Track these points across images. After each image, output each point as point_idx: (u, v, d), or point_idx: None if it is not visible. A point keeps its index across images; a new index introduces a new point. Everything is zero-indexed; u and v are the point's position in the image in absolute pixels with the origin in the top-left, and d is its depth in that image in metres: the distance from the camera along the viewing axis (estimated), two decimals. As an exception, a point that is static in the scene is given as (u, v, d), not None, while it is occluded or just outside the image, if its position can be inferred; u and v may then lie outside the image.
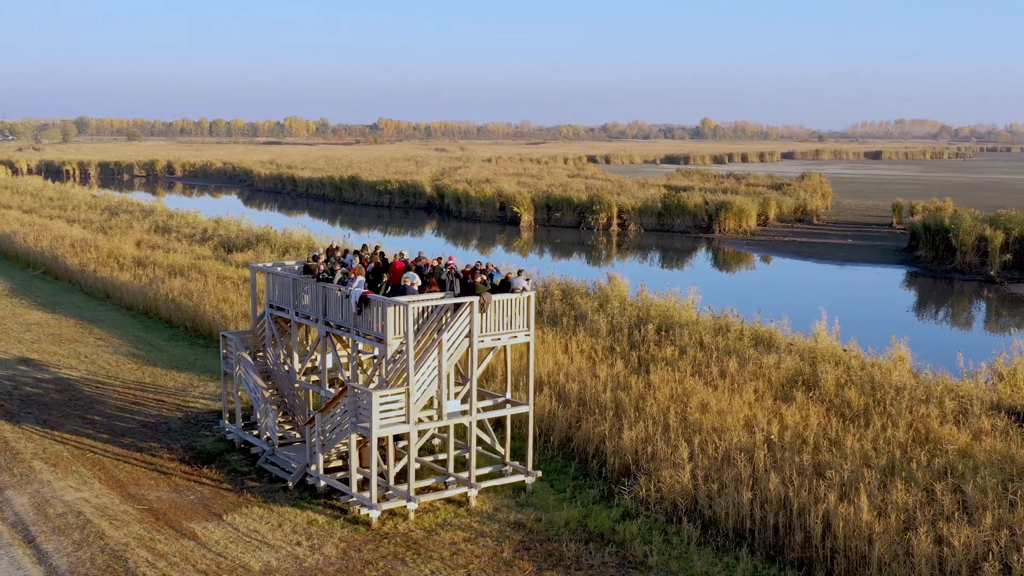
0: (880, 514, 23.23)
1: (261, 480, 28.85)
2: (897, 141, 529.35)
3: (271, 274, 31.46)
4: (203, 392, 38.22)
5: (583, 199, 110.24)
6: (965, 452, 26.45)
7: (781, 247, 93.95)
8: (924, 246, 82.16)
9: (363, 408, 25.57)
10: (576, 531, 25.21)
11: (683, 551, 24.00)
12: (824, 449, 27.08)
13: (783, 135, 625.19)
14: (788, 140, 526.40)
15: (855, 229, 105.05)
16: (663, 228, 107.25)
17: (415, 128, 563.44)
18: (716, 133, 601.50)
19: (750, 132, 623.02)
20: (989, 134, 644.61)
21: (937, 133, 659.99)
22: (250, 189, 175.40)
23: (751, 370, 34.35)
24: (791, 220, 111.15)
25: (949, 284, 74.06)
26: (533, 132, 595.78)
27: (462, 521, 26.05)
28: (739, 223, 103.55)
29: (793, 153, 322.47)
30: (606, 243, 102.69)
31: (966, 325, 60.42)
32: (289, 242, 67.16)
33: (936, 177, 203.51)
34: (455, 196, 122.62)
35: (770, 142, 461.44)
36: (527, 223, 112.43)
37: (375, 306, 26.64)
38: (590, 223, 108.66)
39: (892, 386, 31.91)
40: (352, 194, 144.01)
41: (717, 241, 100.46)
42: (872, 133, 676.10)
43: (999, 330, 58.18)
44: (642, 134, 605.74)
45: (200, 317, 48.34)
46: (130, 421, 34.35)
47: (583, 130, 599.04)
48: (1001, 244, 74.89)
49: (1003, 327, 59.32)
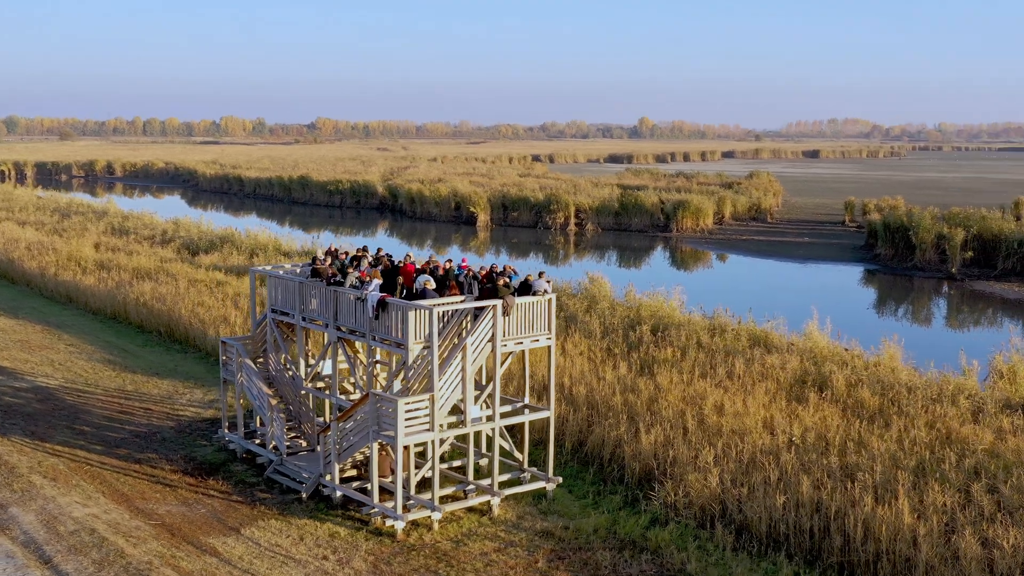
0: (921, 516, 23.00)
1: (271, 491, 27.87)
2: (831, 140, 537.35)
3: (273, 277, 30.48)
4: (191, 400, 37.02)
5: (540, 198, 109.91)
6: (991, 452, 26.37)
7: (740, 245, 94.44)
8: (884, 244, 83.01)
9: (387, 416, 24.77)
10: (607, 539, 24.67)
11: (720, 558, 23.56)
12: (850, 451, 26.83)
13: (720, 134, 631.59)
14: (725, 139, 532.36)
15: (809, 227, 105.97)
16: (620, 227, 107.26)
17: (353, 128, 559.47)
18: (654, 132, 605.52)
19: (687, 131, 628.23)
20: (919, 133, 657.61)
21: (869, 132, 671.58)
22: (194, 189, 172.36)
23: (757, 371, 34.08)
24: (746, 219, 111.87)
25: (911, 281, 74.88)
26: (472, 131, 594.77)
27: (487, 531, 25.36)
28: (696, 222, 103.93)
29: (733, 152, 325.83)
30: (564, 243, 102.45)
31: (940, 322, 61.00)
32: (255, 244, 65.81)
33: (876, 176, 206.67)
34: (409, 196, 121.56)
35: (710, 141, 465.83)
36: (483, 223, 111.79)
37: (394, 310, 25.84)
38: (547, 223, 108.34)
39: (903, 385, 31.84)
40: (302, 194, 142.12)
41: (675, 240, 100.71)
42: (806, 132, 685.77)
43: (971, 326, 58.86)
44: (581, 133, 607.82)
45: (175, 322, 46.97)
46: (121, 431, 33.10)
47: (522, 129, 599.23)
48: (961, 242, 75.86)
49: (977, 323, 60.08)
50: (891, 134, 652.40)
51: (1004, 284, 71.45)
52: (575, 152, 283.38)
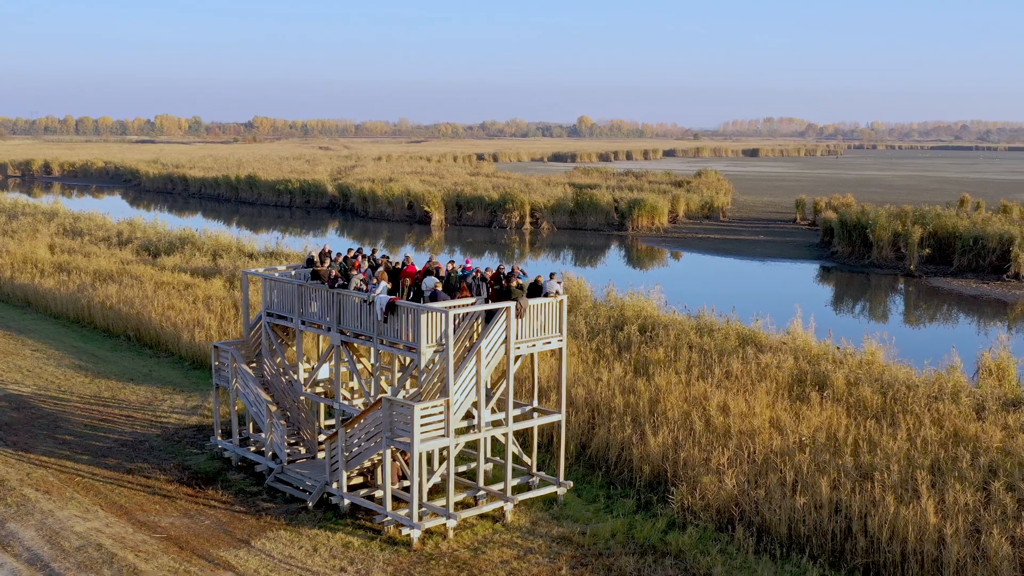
0: (946, 516, 22.94)
1: (274, 500, 27.05)
2: (768, 139, 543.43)
3: (269, 280, 29.62)
4: (173, 406, 35.96)
5: (495, 197, 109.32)
6: (1003, 450, 26.45)
7: (696, 244, 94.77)
8: (841, 242, 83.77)
9: (401, 422, 24.12)
10: (625, 544, 24.27)
11: (743, 561, 23.30)
12: (863, 451, 26.74)
13: (658, 133, 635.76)
14: (664, 138, 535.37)
15: (762, 225, 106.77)
16: (576, 226, 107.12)
17: (291, 126, 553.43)
18: (593, 131, 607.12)
19: (626, 130, 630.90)
20: (852, 132, 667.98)
21: (804, 131, 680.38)
22: (136, 189, 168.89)
23: (754, 371, 33.94)
24: (699, 217, 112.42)
25: (869, 278, 75.56)
26: (412, 130, 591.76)
27: (503, 537, 24.84)
28: (652, 220, 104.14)
29: (674, 151, 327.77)
30: (519, 241, 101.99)
31: (909, 319, 61.47)
32: (217, 245, 64.45)
33: (818, 174, 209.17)
34: (361, 195, 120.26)
35: (651, 140, 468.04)
36: (438, 222, 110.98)
37: (405, 313, 25.20)
38: (503, 221, 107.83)
39: (902, 383, 31.91)
40: (250, 194, 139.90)
41: (631, 238, 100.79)
42: (743, 131, 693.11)
43: (939, 322, 59.48)
44: (520, 132, 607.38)
45: (145, 326, 45.71)
46: (105, 440, 32.00)
47: (461, 128, 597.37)
48: (919, 239, 76.81)
49: (945, 319, 60.73)
50: (825, 133, 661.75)
51: (961, 280, 72.47)
52: (519, 151, 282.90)
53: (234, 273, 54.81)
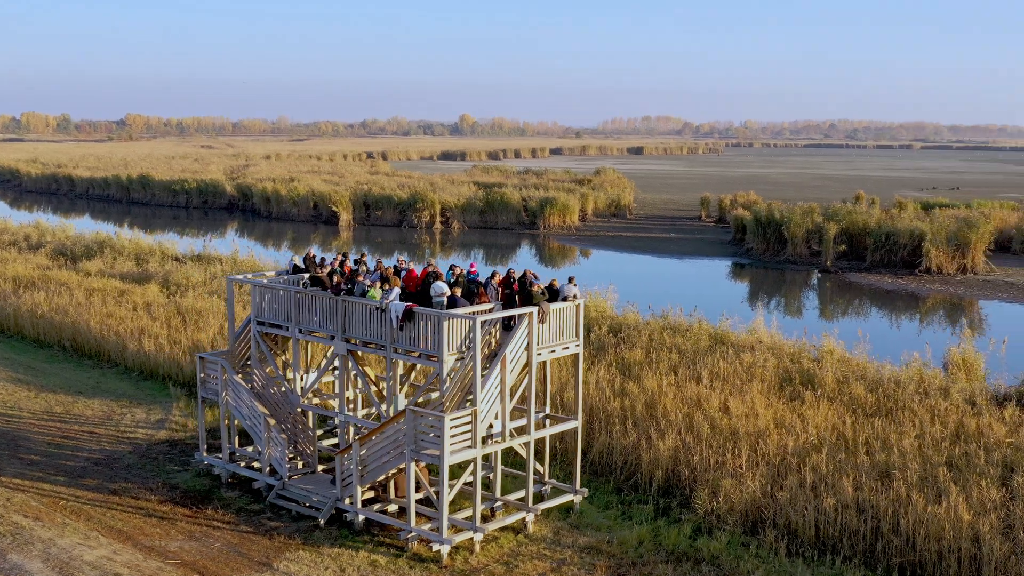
0: (979, 513, 23.15)
1: (280, 518, 25.78)
2: (647, 137, 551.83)
3: (260, 287, 28.24)
4: (135, 421, 34.14)
5: (404, 197, 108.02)
6: (1014, 445, 26.89)
7: (611, 242, 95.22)
8: (756, 239, 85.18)
9: (427, 434, 23.19)
10: (655, 551, 23.86)
11: (780, 565, 23.12)
12: (876, 450, 26.88)
13: (539, 131, 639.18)
14: (546, 136, 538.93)
15: (669, 223, 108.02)
16: (487, 225, 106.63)
17: (166, 124, 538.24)
18: (475, 129, 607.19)
19: (507, 128, 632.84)
20: (727, 130, 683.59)
21: (680, 129, 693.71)
22: (17, 190, 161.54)
23: (739, 370, 33.93)
24: (607, 215, 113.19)
25: (785, 275, 76.89)
26: (292, 128, 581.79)
27: (530, 550, 24.15)
28: (564, 219, 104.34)
29: (560, 149, 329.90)
30: (430, 241, 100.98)
31: (841, 313, 62.72)
32: (138, 249, 61.77)
33: (706, 172, 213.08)
34: (263, 195, 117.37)
35: (536, 138, 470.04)
36: (346, 222, 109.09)
37: (424, 320, 24.28)
38: (413, 221, 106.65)
39: (890, 380, 32.31)
40: (143, 194, 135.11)
41: (543, 237, 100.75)
42: (622, 129, 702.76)
43: (870, 316, 60.82)
44: (402, 130, 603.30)
45: (83, 335, 43.41)
46: (75, 458, 30.13)
47: (342, 126, 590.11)
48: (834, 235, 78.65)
49: (876, 314, 62.12)
50: (701, 131, 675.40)
51: (876, 276, 74.42)
52: (407, 149, 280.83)
53: (168, 277, 52.59)
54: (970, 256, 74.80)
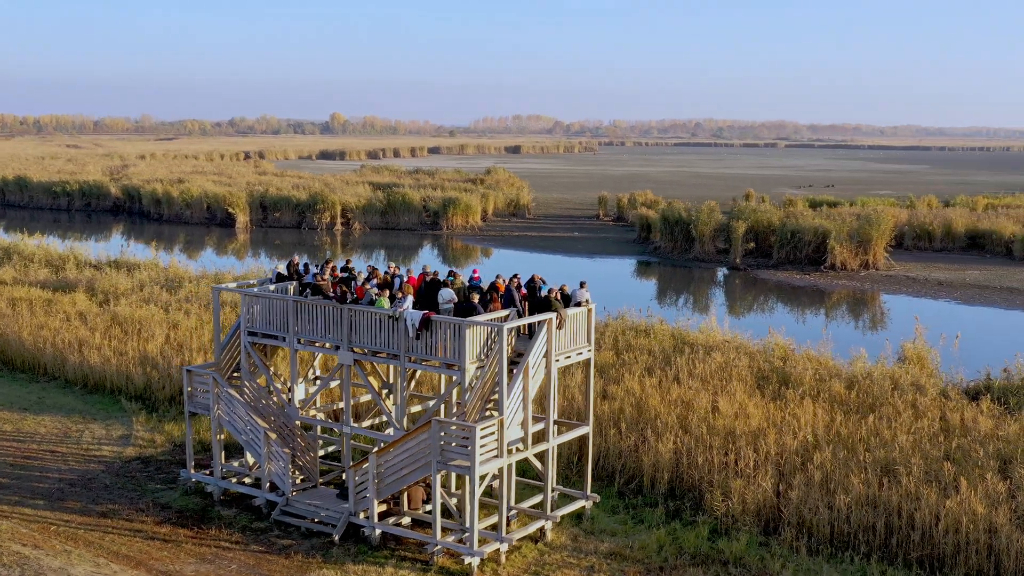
0: (990, 505, 23.88)
1: (290, 535, 24.89)
2: (519, 135, 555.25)
3: (250, 296, 27.20)
4: (95, 437, 32.56)
5: (302, 198, 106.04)
6: (1003, 438, 27.84)
7: (516, 242, 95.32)
8: (663, 237, 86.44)
9: (458, 444, 22.73)
10: (679, 555, 23.92)
11: (802, 564, 23.47)
12: (875, 446, 27.50)
13: (411, 130, 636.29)
14: (419, 135, 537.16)
15: (569, 222, 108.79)
16: (388, 226, 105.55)
17: (23, 122, 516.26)
18: (346, 128, 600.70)
19: (380, 127, 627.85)
20: (597, 129, 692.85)
21: (551, 128, 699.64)
22: None
23: (715, 370, 34.30)
24: (506, 215, 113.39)
25: (693, 272, 78.25)
26: (156, 127, 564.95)
27: (555, 558, 23.92)
28: (466, 219, 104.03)
29: (439, 148, 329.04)
30: (331, 243, 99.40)
31: (765, 309, 64.12)
32: (48, 255, 58.93)
33: (588, 171, 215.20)
34: (153, 197, 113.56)
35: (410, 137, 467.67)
36: (243, 224, 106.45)
37: (443, 328, 23.79)
38: (313, 222, 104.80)
39: (864, 377, 33.13)
40: (19, 196, 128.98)
41: (446, 237, 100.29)
42: (494, 128, 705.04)
43: (793, 312, 62.37)
44: (272, 129, 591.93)
45: (14, 347, 41.19)
46: (46, 480, 28.55)
47: (209, 125, 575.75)
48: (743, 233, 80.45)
49: (799, 310, 63.72)
50: (572, 130, 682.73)
51: (784, 272, 76.41)
52: (285, 148, 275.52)
53: (92, 284, 50.36)
54: (872, 252, 77.48)
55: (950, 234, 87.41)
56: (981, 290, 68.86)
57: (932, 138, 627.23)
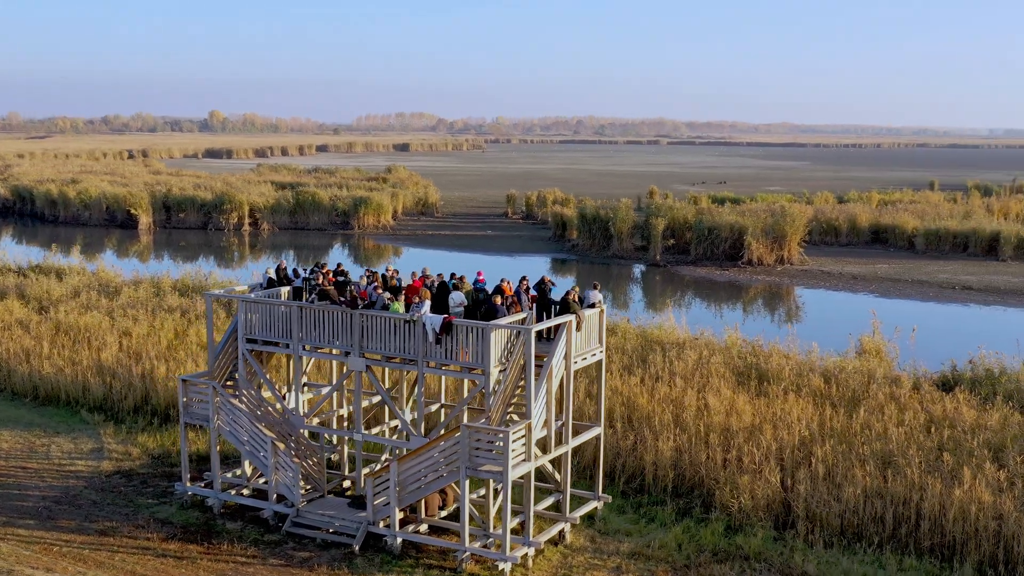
0: (995, 493, 24.72)
1: (306, 547, 24.26)
2: (404, 133, 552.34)
3: (248, 302, 26.41)
4: (65, 452, 31.23)
5: (208, 198, 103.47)
6: (991, 428, 28.83)
7: (431, 240, 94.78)
8: (582, 235, 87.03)
9: (483, 449, 22.49)
10: (700, 552, 24.14)
11: (821, 556, 23.88)
12: (871, 439, 28.18)
13: (293, 128, 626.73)
14: (301, 133, 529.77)
15: (479, 220, 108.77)
16: (298, 226, 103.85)
17: None
18: (226, 126, 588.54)
19: (260, 125, 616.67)
20: (480, 126, 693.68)
21: (435, 126, 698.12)
22: None
23: (691, 368, 34.70)
24: (415, 214, 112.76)
25: (609, 269, 78.87)
26: (25, 125, 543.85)
27: (580, 560, 23.90)
28: (378, 218, 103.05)
29: (327, 146, 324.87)
30: (239, 243, 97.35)
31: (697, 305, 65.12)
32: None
33: (480, 168, 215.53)
34: (47, 197, 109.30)
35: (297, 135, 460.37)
36: (146, 225, 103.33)
37: (465, 332, 23.51)
38: (220, 223, 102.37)
39: (837, 370, 33.96)
40: None
41: (358, 237, 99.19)
42: (377, 126, 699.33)
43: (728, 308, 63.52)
44: (148, 127, 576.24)
45: (-49, 359, 39.15)
46: (28, 498, 27.26)
47: (81, 122, 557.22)
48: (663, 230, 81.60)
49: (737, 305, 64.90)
50: (455, 127, 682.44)
51: (704, 268, 77.84)
52: (170, 147, 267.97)
53: (23, 291, 48.19)
54: (786, 248, 79.50)
55: (855, 229, 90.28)
56: (894, 283, 71.30)
57: (805, 135, 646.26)
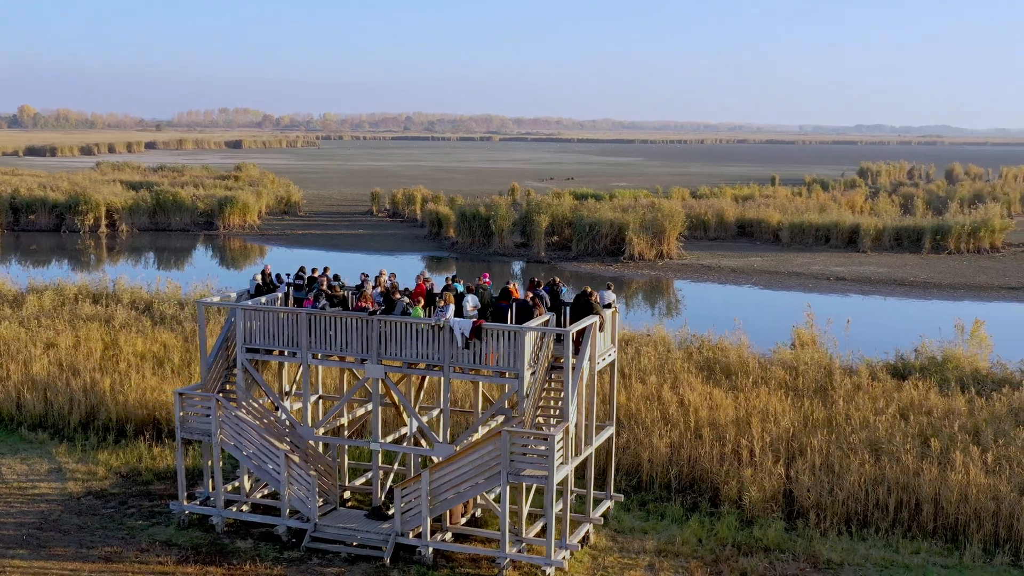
0: (989, 475, 26.05)
1: (331, 563, 23.39)
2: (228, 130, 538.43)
3: (247, 310, 25.26)
4: (19, 474, 29.19)
5: (60, 198, 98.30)
6: (953, 412, 30.33)
7: (301, 240, 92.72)
8: (461, 233, 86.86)
9: (531, 453, 22.25)
10: (722, 547, 24.52)
11: (835, 544, 24.66)
12: (856, 428, 29.22)
13: (110, 124, 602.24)
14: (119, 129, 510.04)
15: (345, 219, 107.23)
16: (158, 227, 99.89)
17: None
18: (37, 122, 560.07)
19: (74, 120, 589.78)
20: (308, 123, 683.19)
21: (260, 121, 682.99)
22: None
23: (656, 365, 35.18)
24: (279, 213, 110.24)
25: (490, 267, 78.97)
26: None
27: (611, 560, 23.93)
28: (243, 218, 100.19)
29: (155, 143, 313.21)
30: (95, 246, 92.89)
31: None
32: None
33: (323, 166, 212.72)
34: None
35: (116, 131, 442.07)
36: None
37: (497, 336, 23.17)
38: (74, 224, 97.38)
39: (795, 362, 35.07)
40: None
41: (223, 237, 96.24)
42: (199, 122, 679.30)
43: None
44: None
45: None
46: (4, 526, 25.32)
47: None
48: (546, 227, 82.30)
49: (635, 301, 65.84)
50: (282, 123, 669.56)
51: (588, 264, 78.92)
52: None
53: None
54: (666, 243, 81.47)
55: (723, 224, 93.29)
56: (773, 275, 74.02)
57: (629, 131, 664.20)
